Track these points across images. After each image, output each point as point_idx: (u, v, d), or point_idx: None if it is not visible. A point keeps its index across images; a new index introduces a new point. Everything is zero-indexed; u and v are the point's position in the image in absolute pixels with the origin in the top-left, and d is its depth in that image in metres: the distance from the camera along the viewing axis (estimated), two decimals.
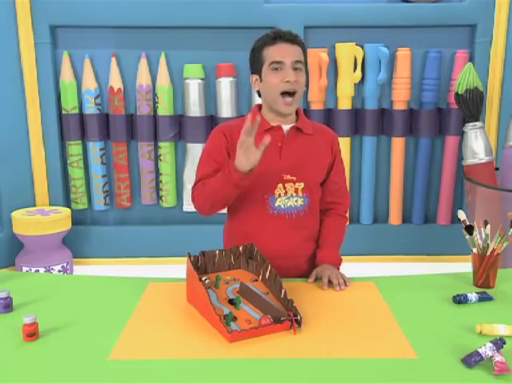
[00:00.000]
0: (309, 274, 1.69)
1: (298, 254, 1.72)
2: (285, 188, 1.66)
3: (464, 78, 3.21)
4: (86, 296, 1.55)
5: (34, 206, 3.75)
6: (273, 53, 1.60)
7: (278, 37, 1.61)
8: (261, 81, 1.65)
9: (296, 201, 1.67)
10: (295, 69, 1.59)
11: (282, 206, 1.67)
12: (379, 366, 1.16)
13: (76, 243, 3.82)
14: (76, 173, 3.82)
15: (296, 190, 1.67)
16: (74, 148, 3.78)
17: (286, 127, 1.68)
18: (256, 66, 1.66)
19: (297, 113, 1.72)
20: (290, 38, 1.61)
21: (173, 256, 3.68)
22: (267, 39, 1.62)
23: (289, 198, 1.67)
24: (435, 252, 3.90)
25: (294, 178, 1.66)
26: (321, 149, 1.72)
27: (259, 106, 1.73)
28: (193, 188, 1.70)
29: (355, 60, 3.64)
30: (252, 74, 1.70)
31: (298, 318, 1.31)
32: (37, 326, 1.28)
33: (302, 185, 1.67)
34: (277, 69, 1.59)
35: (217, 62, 3.64)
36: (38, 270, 3.45)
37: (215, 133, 1.70)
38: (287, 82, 1.58)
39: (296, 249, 1.71)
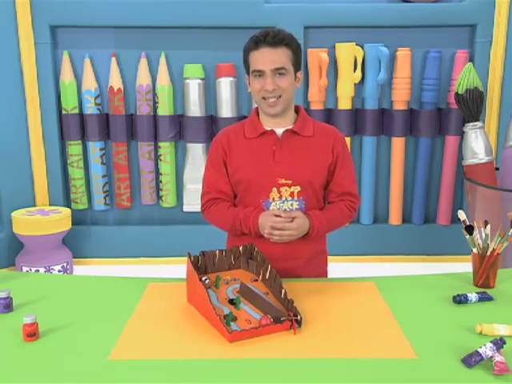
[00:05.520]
0: (306, 278, 1.69)
1: (295, 258, 1.70)
2: (279, 192, 1.64)
3: (464, 77, 3.21)
4: (86, 296, 1.55)
5: (34, 206, 3.75)
6: (254, 60, 1.58)
7: (260, 41, 1.55)
8: (249, 83, 1.65)
9: (291, 204, 1.65)
10: (278, 74, 1.57)
11: (277, 209, 1.64)
12: (379, 366, 1.16)
13: (76, 243, 3.82)
14: (76, 173, 3.82)
15: (292, 194, 1.65)
16: (74, 148, 3.78)
17: (280, 130, 1.67)
18: (246, 68, 1.65)
19: (298, 112, 1.71)
20: (272, 42, 1.55)
21: (173, 256, 3.68)
22: (251, 43, 1.59)
23: (283, 201, 1.65)
24: (435, 252, 3.89)
25: (290, 182, 1.63)
26: (320, 150, 1.67)
27: (257, 109, 1.72)
28: (202, 197, 1.76)
29: (355, 60, 3.64)
30: (246, 74, 1.68)
31: (298, 318, 1.31)
32: (37, 325, 1.28)
33: (298, 188, 1.64)
34: (259, 75, 1.58)
35: (217, 61, 3.65)
36: (38, 270, 3.45)
37: (214, 143, 1.74)
38: (266, 90, 1.58)
39: (293, 252, 1.68)
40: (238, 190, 1.71)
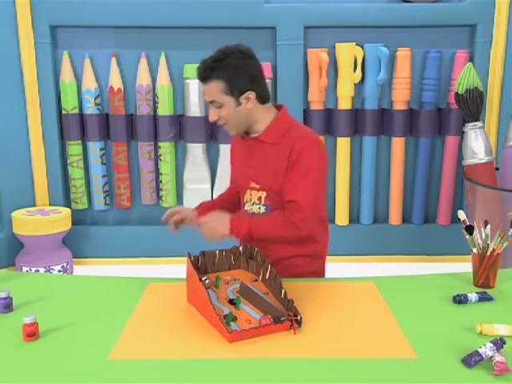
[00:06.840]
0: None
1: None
2: (250, 195, 1.72)
3: (464, 77, 3.21)
4: (86, 296, 1.55)
5: (34, 206, 3.75)
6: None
7: (198, 73, 1.67)
8: None
9: (259, 208, 1.70)
10: (216, 106, 1.62)
11: (249, 211, 1.72)
12: (379, 366, 1.16)
13: (76, 243, 3.82)
14: (76, 173, 3.82)
15: (259, 199, 1.70)
16: (74, 148, 3.78)
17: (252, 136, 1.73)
18: None
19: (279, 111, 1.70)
20: (201, 78, 1.66)
21: (173, 256, 3.68)
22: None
23: (253, 204, 1.71)
24: (435, 252, 3.89)
25: (258, 187, 1.69)
26: (279, 158, 1.64)
27: None
28: None
29: (355, 60, 3.64)
30: None
31: (298, 318, 1.31)
32: (37, 325, 1.28)
33: (265, 194, 1.69)
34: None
35: None
36: (38, 270, 3.45)
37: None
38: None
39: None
40: None
